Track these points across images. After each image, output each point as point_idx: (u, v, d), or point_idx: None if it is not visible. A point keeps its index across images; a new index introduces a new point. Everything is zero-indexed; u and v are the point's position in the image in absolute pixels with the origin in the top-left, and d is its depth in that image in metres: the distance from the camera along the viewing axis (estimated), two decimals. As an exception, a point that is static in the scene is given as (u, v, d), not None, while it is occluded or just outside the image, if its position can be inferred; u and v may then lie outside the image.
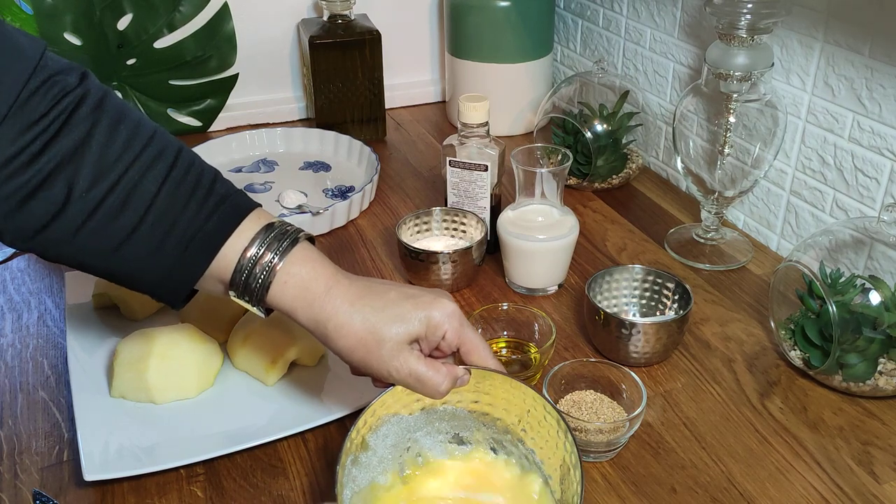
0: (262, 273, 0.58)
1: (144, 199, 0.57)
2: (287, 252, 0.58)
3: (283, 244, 0.59)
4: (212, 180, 0.60)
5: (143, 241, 0.57)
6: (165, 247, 0.58)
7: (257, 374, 0.74)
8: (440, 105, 1.42)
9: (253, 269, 0.58)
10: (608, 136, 1.07)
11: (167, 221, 0.57)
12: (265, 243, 0.58)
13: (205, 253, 0.58)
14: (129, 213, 0.56)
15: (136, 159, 0.57)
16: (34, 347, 0.81)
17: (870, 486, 0.65)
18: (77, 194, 0.55)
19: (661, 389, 0.75)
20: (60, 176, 0.55)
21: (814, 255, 0.78)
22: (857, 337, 0.71)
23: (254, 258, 0.58)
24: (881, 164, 0.82)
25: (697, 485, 0.65)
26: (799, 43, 0.89)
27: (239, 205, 0.60)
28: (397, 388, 0.59)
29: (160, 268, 0.58)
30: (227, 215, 0.59)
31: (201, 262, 0.58)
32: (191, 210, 0.58)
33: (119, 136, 0.57)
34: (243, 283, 0.58)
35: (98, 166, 0.56)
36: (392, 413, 0.59)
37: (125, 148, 0.57)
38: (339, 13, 1.21)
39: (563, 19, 1.34)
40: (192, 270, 0.59)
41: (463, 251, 0.86)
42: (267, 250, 0.58)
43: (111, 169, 0.56)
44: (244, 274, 0.58)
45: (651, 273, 0.82)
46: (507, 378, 0.60)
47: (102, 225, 0.56)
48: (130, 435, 0.67)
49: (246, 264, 0.58)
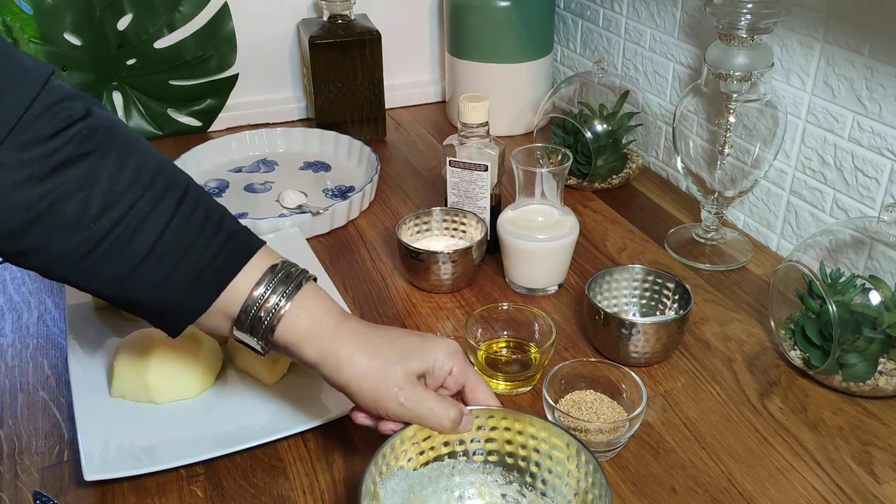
0: (273, 310, 0.58)
1: (154, 230, 0.56)
2: (295, 293, 0.59)
3: (290, 285, 0.59)
4: (220, 217, 0.60)
5: (150, 272, 0.57)
6: (173, 279, 0.57)
7: (257, 374, 0.74)
8: (440, 105, 1.42)
9: (263, 306, 0.58)
10: (608, 136, 1.07)
11: (176, 254, 0.57)
12: (272, 284, 0.59)
13: (212, 288, 0.58)
14: (137, 244, 0.56)
15: (146, 191, 0.56)
16: (34, 347, 0.81)
17: (870, 486, 0.65)
18: (86, 222, 0.55)
19: (661, 389, 0.75)
20: (71, 202, 0.54)
21: (814, 255, 0.78)
22: (857, 337, 0.71)
23: (261, 297, 0.58)
24: (881, 164, 0.82)
25: (697, 485, 0.65)
26: (799, 43, 0.89)
27: (246, 241, 0.60)
28: (408, 430, 0.58)
29: (166, 299, 0.58)
30: (235, 252, 0.59)
31: (208, 296, 0.58)
32: (200, 245, 0.58)
33: (129, 166, 0.56)
34: (250, 321, 0.59)
35: (108, 196, 0.55)
36: (400, 465, 0.58)
37: (135, 179, 0.56)
38: (339, 13, 1.21)
39: (563, 19, 1.34)
40: (198, 305, 0.59)
41: (463, 251, 0.86)
42: (274, 291, 0.59)
43: (121, 199, 0.55)
44: (252, 310, 0.58)
45: (651, 273, 0.82)
46: (517, 413, 0.60)
47: (110, 254, 0.56)
48: (130, 435, 0.67)
49: (254, 302, 0.58)
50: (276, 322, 0.59)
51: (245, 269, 0.59)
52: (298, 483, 0.65)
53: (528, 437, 0.60)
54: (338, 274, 0.91)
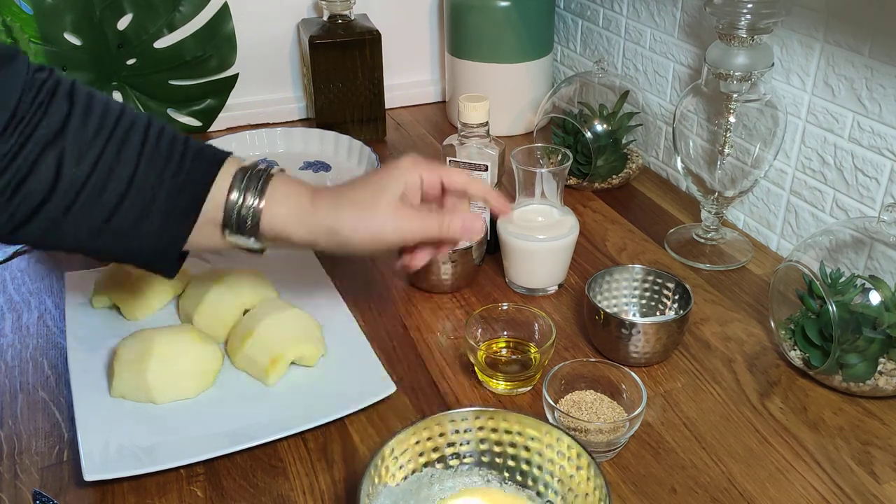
0: (250, 208, 0.63)
1: (126, 169, 0.60)
2: (265, 188, 0.64)
3: (258, 182, 0.64)
4: (184, 142, 0.64)
5: (130, 210, 0.61)
6: (153, 210, 0.61)
7: (257, 374, 0.74)
8: (440, 105, 1.42)
9: (240, 207, 0.63)
10: (608, 136, 1.07)
11: (150, 186, 0.61)
12: (242, 186, 0.64)
13: (193, 205, 0.63)
14: (113, 185, 0.60)
15: (112, 135, 0.60)
16: (34, 347, 0.81)
17: (870, 486, 0.65)
18: (66, 171, 0.58)
19: (661, 389, 0.75)
20: (47, 158, 0.58)
21: (814, 255, 0.78)
22: (857, 337, 0.71)
23: (236, 200, 0.63)
24: (881, 164, 0.82)
25: (697, 485, 0.65)
26: (799, 43, 0.89)
27: (213, 155, 0.65)
28: (386, 447, 0.57)
29: (151, 233, 0.62)
30: (205, 166, 0.63)
31: (191, 214, 0.63)
32: (170, 171, 0.62)
33: (93, 116, 0.60)
34: (236, 223, 0.64)
35: (79, 145, 0.59)
36: (384, 483, 0.58)
37: (100, 126, 0.60)
38: (339, 13, 1.21)
39: (563, 19, 1.34)
40: (181, 227, 0.63)
41: (463, 251, 0.86)
42: (245, 191, 0.63)
43: (90, 146, 0.59)
44: (234, 213, 0.63)
45: (651, 273, 0.82)
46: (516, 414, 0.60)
47: (90, 201, 0.59)
48: (130, 435, 0.67)
49: (232, 206, 0.63)
50: (258, 218, 0.64)
51: (217, 180, 0.63)
52: (298, 483, 0.65)
53: (526, 438, 0.60)
54: (338, 274, 0.91)
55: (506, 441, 0.61)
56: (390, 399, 0.72)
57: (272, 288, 0.83)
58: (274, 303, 0.78)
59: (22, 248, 0.95)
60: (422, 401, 0.74)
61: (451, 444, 0.61)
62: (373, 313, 0.86)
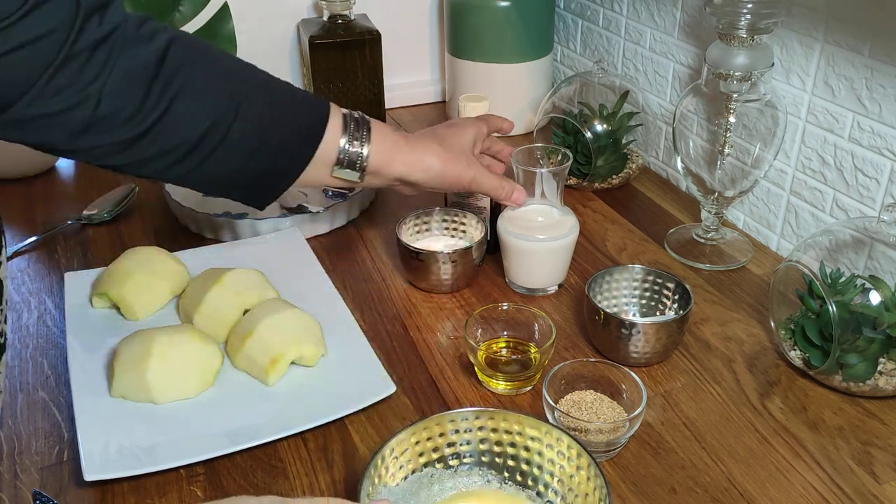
0: (359, 153, 0.76)
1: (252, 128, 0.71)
2: (368, 136, 0.77)
3: (362, 132, 0.76)
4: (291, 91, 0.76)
5: (258, 161, 0.72)
6: (278, 157, 0.73)
7: (257, 374, 0.74)
8: (440, 105, 1.42)
9: (349, 151, 0.76)
10: (608, 136, 1.07)
11: (277, 136, 0.73)
12: (349, 133, 0.76)
13: (310, 149, 0.75)
14: (243, 144, 0.71)
15: (242, 100, 0.71)
16: (34, 347, 0.81)
17: (870, 486, 0.65)
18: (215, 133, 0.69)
19: (661, 389, 0.75)
20: (196, 121, 0.68)
21: (814, 255, 0.78)
22: (857, 337, 0.71)
23: (346, 145, 0.76)
24: (881, 164, 0.82)
25: (697, 485, 0.65)
26: (799, 43, 0.89)
27: (320, 103, 0.76)
28: (386, 448, 0.57)
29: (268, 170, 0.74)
30: (318, 114, 0.75)
31: (305, 160, 0.75)
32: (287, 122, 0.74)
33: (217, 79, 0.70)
34: (347, 163, 0.76)
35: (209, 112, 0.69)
36: (384, 484, 0.58)
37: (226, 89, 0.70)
38: (339, 13, 1.21)
39: (563, 19, 1.34)
40: (295, 167, 0.75)
41: (463, 251, 0.86)
42: (352, 139, 0.76)
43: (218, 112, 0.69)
44: (345, 155, 0.76)
45: (651, 273, 0.82)
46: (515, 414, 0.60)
47: (229, 152, 0.70)
48: (130, 435, 0.67)
49: (344, 150, 0.76)
50: (365, 161, 0.76)
51: (329, 125, 0.75)
52: (298, 483, 0.65)
53: (526, 438, 0.60)
54: (338, 274, 0.91)
55: (506, 441, 0.61)
56: (390, 399, 0.72)
57: (272, 288, 0.83)
58: (274, 303, 0.78)
59: (22, 248, 0.96)
60: (422, 401, 0.74)
61: (451, 444, 0.61)
62: (373, 313, 0.86)
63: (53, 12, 0.59)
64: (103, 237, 1.00)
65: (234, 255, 0.91)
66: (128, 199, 1.05)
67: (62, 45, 0.60)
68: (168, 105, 0.66)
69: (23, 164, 1.10)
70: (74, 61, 0.61)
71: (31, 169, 1.12)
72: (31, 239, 0.97)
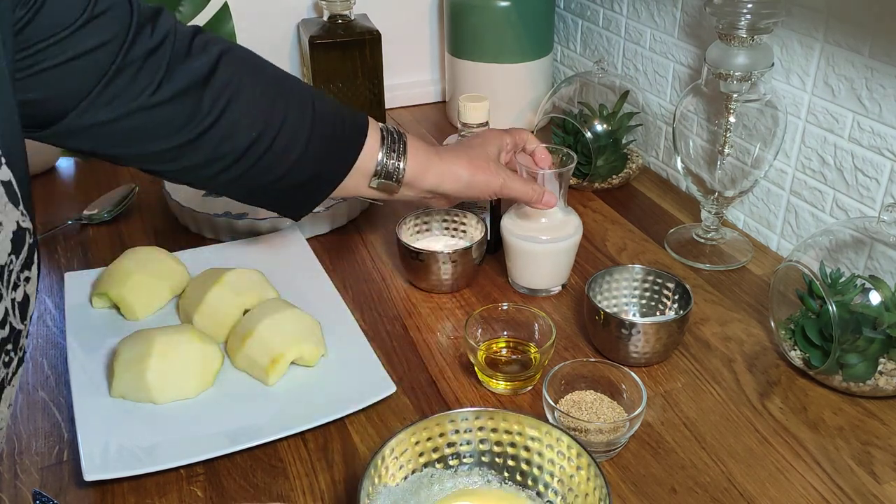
0: (396, 166, 0.78)
1: (302, 141, 0.74)
2: (404, 150, 0.79)
3: (398, 146, 0.79)
4: (335, 107, 0.78)
5: (300, 172, 0.75)
6: (319, 171, 0.76)
7: (257, 374, 0.74)
8: (440, 105, 1.42)
9: (387, 164, 0.78)
10: (608, 136, 1.07)
11: (322, 149, 0.75)
12: (386, 147, 0.78)
13: (349, 162, 0.77)
14: (287, 156, 0.73)
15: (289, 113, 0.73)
16: (34, 347, 0.80)
17: (870, 486, 0.65)
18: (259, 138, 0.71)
19: (661, 389, 0.75)
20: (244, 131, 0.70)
21: (814, 255, 0.78)
22: (857, 337, 0.71)
23: (383, 158, 0.78)
24: (881, 164, 0.82)
25: (697, 485, 0.65)
26: (799, 43, 0.89)
27: (359, 117, 0.79)
28: (386, 447, 0.57)
29: (307, 182, 0.76)
30: (358, 128, 0.78)
31: (343, 172, 0.77)
32: (335, 137, 0.76)
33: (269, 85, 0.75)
34: (384, 175, 0.78)
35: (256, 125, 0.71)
36: (384, 484, 0.58)
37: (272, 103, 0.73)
38: (339, 13, 1.21)
39: (563, 19, 1.34)
40: (334, 178, 0.78)
41: (463, 251, 0.86)
42: (390, 152, 0.78)
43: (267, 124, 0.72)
44: (382, 168, 0.78)
45: (651, 273, 0.82)
46: (515, 414, 0.60)
47: (274, 161, 0.73)
48: (130, 435, 0.67)
49: (381, 163, 0.78)
50: (401, 175, 0.79)
51: (367, 141, 0.77)
52: (298, 483, 0.65)
53: (526, 438, 0.60)
54: (338, 274, 0.91)
55: (506, 441, 0.61)
56: (390, 399, 0.72)
57: (272, 288, 0.83)
58: (274, 303, 0.78)
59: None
60: (422, 401, 0.74)
61: (451, 444, 0.61)
62: (373, 313, 0.86)
63: (110, 24, 0.60)
64: (103, 237, 1.00)
65: (234, 255, 0.91)
66: (128, 199, 1.05)
67: (116, 56, 0.61)
68: (219, 115, 0.68)
69: (23, 164, 1.10)
70: (127, 71, 0.62)
71: (31, 169, 1.12)
72: (31, 239, 0.97)
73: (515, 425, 0.60)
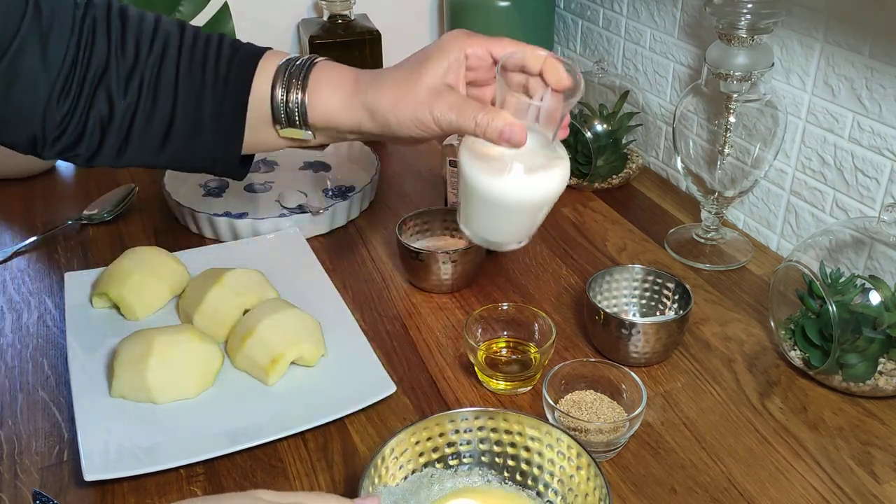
0: (297, 102, 0.65)
1: (168, 89, 0.64)
2: (306, 81, 0.65)
3: (300, 76, 0.65)
4: (217, 44, 0.66)
5: (182, 127, 0.65)
6: (202, 122, 0.65)
7: (257, 374, 0.74)
8: (440, 105, 1.42)
9: (287, 104, 0.65)
10: (608, 136, 1.07)
11: (194, 98, 0.64)
12: (284, 82, 0.65)
13: (237, 110, 0.65)
14: (161, 106, 0.64)
15: (149, 55, 0.63)
16: (34, 347, 0.81)
17: (870, 486, 0.65)
18: (116, 105, 0.63)
19: (661, 389, 0.75)
20: (100, 96, 0.62)
21: (814, 255, 0.78)
22: (857, 337, 0.71)
23: (282, 96, 0.65)
24: (881, 164, 0.82)
25: (697, 485, 0.65)
26: (799, 43, 0.89)
27: (248, 54, 0.66)
28: (386, 447, 0.57)
29: (207, 143, 0.66)
30: (243, 68, 0.65)
31: (238, 120, 0.65)
32: (210, 78, 0.64)
33: (129, 42, 0.63)
34: (286, 118, 0.65)
35: (122, 76, 0.63)
36: (384, 484, 0.58)
37: (137, 52, 0.63)
38: (339, 13, 1.21)
39: (563, 19, 1.34)
40: (234, 132, 0.66)
41: (463, 251, 0.86)
42: (289, 88, 0.64)
43: (131, 75, 0.63)
44: (282, 108, 0.65)
45: (651, 273, 0.82)
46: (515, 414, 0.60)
47: (143, 126, 0.64)
48: (130, 435, 0.67)
49: (279, 103, 0.65)
50: (304, 109, 0.65)
51: (256, 79, 0.65)
52: (298, 483, 0.65)
53: (526, 438, 0.60)
54: (338, 274, 0.91)
55: (506, 441, 0.61)
56: (390, 399, 0.72)
57: (272, 288, 0.83)
58: (274, 303, 0.78)
59: (22, 248, 0.96)
60: (422, 401, 0.74)
61: (451, 444, 0.61)
62: (373, 313, 0.86)
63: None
64: (103, 237, 1.00)
65: (234, 255, 0.91)
66: (128, 199, 1.05)
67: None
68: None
69: (23, 164, 1.10)
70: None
71: (31, 169, 1.12)
72: (31, 239, 0.97)
73: (515, 425, 0.60)
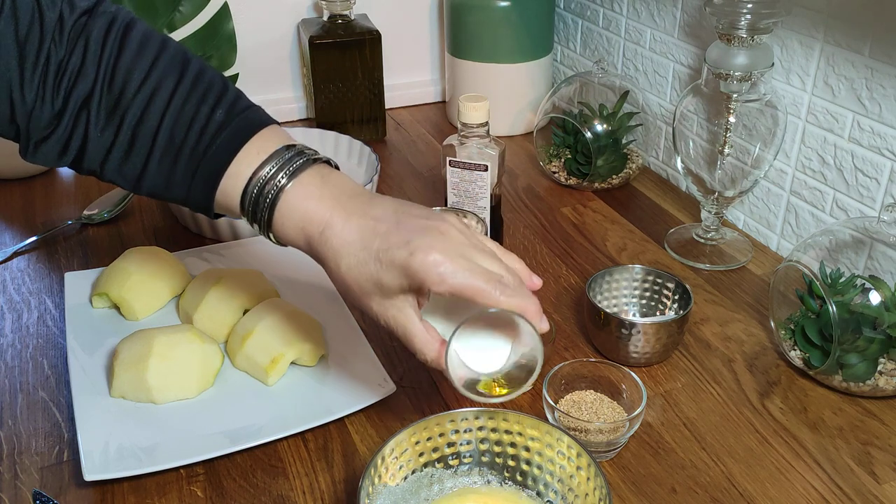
0: (263, 225, 0.58)
1: (146, 140, 0.58)
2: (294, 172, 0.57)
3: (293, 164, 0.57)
4: (214, 101, 0.59)
5: (156, 176, 0.59)
6: (173, 182, 0.59)
7: (257, 374, 0.74)
8: (440, 105, 1.42)
9: (254, 214, 0.58)
10: (608, 136, 1.07)
11: (169, 160, 0.58)
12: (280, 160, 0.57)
13: (208, 187, 0.58)
14: (136, 154, 0.59)
15: (136, 96, 0.58)
16: (34, 347, 0.81)
17: (870, 486, 0.65)
18: (91, 135, 0.59)
19: (661, 389, 0.75)
20: (81, 120, 0.58)
21: (814, 255, 0.78)
22: (857, 337, 0.71)
23: (250, 207, 0.57)
24: (881, 164, 0.82)
25: (697, 485, 0.65)
26: (799, 43, 0.89)
27: (241, 128, 0.58)
28: (386, 447, 0.57)
29: (179, 194, 0.60)
30: (227, 144, 0.57)
31: (208, 192, 0.58)
32: (189, 143, 0.58)
33: (119, 74, 0.58)
34: (251, 218, 0.58)
35: (105, 107, 0.58)
36: (383, 484, 0.57)
37: (124, 86, 0.58)
38: (339, 13, 1.21)
39: (563, 19, 1.34)
40: (205, 199, 0.59)
41: (463, 251, 0.86)
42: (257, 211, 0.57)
43: (114, 110, 0.58)
44: (249, 214, 0.58)
45: (651, 273, 0.82)
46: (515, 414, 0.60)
47: (118, 164, 0.59)
48: (130, 435, 0.67)
49: (247, 207, 0.58)
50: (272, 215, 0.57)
51: (236, 164, 0.57)
52: (298, 483, 0.65)
53: (527, 438, 0.60)
54: (338, 274, 0.91)
55: (506, 441, 0.61)
56: (390, 399, 0.72)
57: (272, 288, 0.83)
58: (274, 303, 0.78)
59: (22, 248, 0.96)
60: (422, 401, 0.74)
61: (451, 444, 0.61)
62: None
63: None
64: (103, 237, 1.00)
65: (234, 255, 0.91)
66: (128, 199, 1.05)
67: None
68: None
69: (22, 164, 1.10)
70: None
71: (31, 169, 1.12)
72: (31, 239, 0.97)
73: (515, 425, 0.60)
